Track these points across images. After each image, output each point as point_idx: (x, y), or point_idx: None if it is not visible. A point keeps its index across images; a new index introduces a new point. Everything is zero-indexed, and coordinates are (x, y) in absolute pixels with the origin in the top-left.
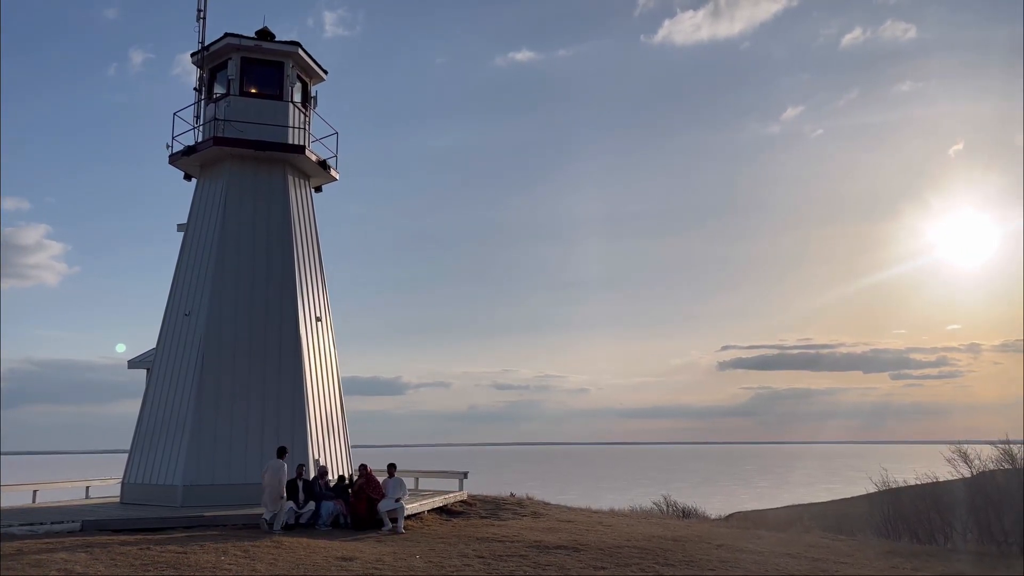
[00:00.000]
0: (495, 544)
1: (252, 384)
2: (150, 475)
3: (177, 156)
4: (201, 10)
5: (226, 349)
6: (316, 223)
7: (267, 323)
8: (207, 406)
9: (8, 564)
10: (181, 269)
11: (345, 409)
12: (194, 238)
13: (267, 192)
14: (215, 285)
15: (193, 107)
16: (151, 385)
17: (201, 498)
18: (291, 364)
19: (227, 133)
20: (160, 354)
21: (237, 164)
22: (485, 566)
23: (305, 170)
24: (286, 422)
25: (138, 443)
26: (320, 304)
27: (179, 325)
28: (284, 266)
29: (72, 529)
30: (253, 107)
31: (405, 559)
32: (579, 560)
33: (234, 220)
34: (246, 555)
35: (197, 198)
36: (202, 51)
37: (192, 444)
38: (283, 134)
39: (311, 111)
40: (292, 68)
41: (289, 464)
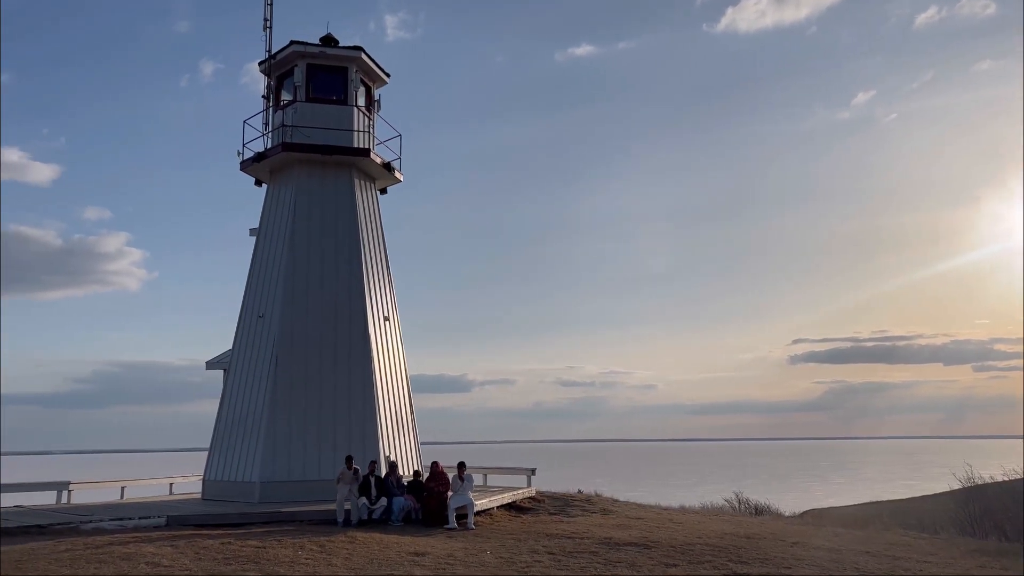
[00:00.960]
0: (565, 540)
1: (324, 383)
2: (229, 472)
3: (248, 163)
4: (267, 20)
5: (298, 349)
6: (382, 224)
7: (337, 323)
8: (281, 405)
9: (100, 557)
10: (254, 272)
11: (414, 406)
12: (266, 242)
13: (334, 195)
14: (287, 287)
15: (262, 114)
16: (228, 385)
17: (277, 494)
18: (361, 363)
19: (295, 139)
20: (236, 355)
21: (305, 169)
22: (555, 562)
23: (370, 172)
24: (357, 420)
25: (217, 441)
26: (387, 303)
27: (253, 327)
28: (352, 267)
29: (158, 524)
30: (319, 112)
31: (476, 555)
32: (650, 557)
33: (303, 223)
34: (322, 550)
35: (268, 203)
36: (269, 59)
37: (268, 442)
38: (348, 138)
39: (375, 114)
40: (356, 72)
41: (360, 466)
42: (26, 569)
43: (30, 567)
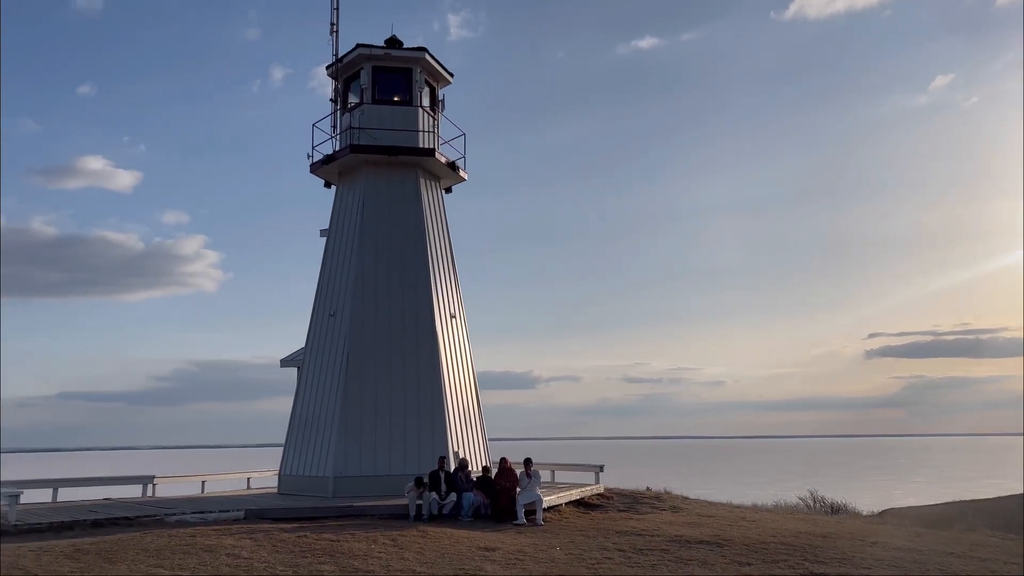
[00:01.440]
0: (635, 538)
1: (393, 380)
2: (304, 467)
3: (317, 165)
4: (334, 24)
5: (368, 347)
6: (447, 223)
7: (405, 321)
8: (353, 402)
9: (185, 548)
10: (325, 272)
11: (481, 403)
12: (336, 242)
13: (401, 195)
14: (357, 286)
15: (330, 117)
16: (302, 382)
17: (350, 489)
18: (429, 360)
19: (362, 140)
20: (309, 353)
21: (372, 170)
22: (626, 559)
23: (435, 172)
24: (426, 416)
25: (292, 437)
26: (454, 301)
27: (325, 325)
28: (419, 266)
29: (236, 517)
30: (385, 114)
31: (545, 551)
32: (723, 556)
33: (371, 223)
34: (394, 544)
35: (337, 204)
36: (336, 63)
37: (340, 438)
38: (414, 138)
39: (439, 114)
40: (420, 73)
41: (430, 459)
42: (116, 559)
43: (120, 557)
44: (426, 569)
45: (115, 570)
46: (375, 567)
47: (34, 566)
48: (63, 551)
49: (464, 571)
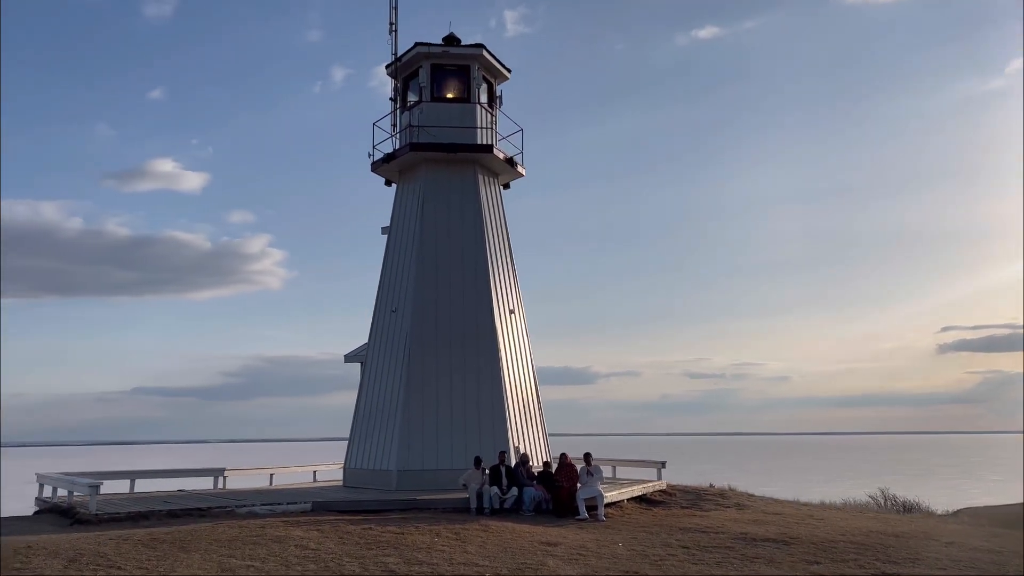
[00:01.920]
0: (699, 535)
1: (454, 375)
2: (368, 461)
3: (378, 164)
4: (393, 23)
5: (429, 343)
6: (506, 219)
7: (465, 317)
8: (415, 396)
9: (255, 539)
10: (386, 269)
11: (541, 398)
12: (396, 240)
13: (460, 192)
14: (417, 283)
15: (390, 116)
16: (365, 377)
17: (413, 482)
18: (489, 355)
19: (421, 138)
20: (372, 348)
21: (432, 167)
22: (690, 556)
23: (494, 168)
24: (486, 411)
25: (356, 431)
26: (513, 297)
27: (387, 321)
28: (478, 262)
29: (304, 509)
30: (444, 111)
31: (608, 546)
32: (790, 554)
33: (431, 221)
34: (457, 537)
35: (397, 202)
36: (395, 62)
37: (403, 432)
38: (472, 135)
39: (497, 110)
40: (478, 70)
41: (491, 454)
42: (190, 549)
43: (193, 547)
44: (488, 563)
45: (189, 559)
46: (438, 560)
47: (114, 554)
48: (140, 540)
49: (526, 565)
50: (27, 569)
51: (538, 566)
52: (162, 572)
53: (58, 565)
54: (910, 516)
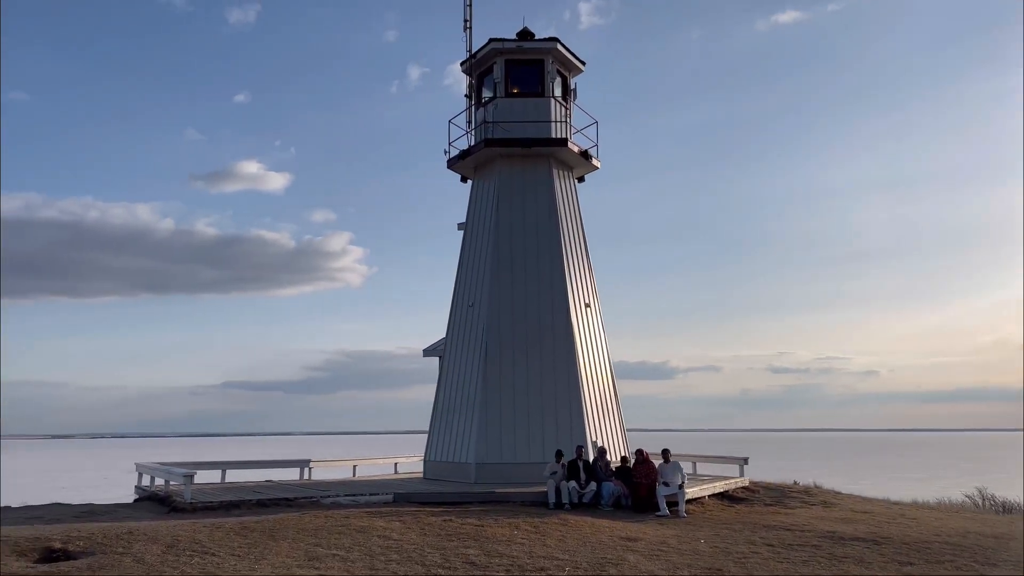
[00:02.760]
0: (784, 533)
1: (531, 369)
2: (447, 453)
3: (454, 160)
4: (467, 20)
5: (506, 337)
6: (581, 212)
7: (541, 311)
8: (492, 391)
9: (339, 529)
10: (463, 264)
11: (618, 392)
12: (472, 235)
13: (534, 186)
14: (493, 277)
15: (465, 113)
16: (443, 371)
17: (491, 475)
18: (565, 349)
19: (495, 134)
20: (449, 343)
21: (506, 162)
22: (775, 554)
23: (568, 161)
24: (563, 405)
25: (435, 424)
26: (588, 290)
27: (464, 316)
28: (553, 256)
29: (386, 500)
30: (518, 106)
31: (689, 543)
32: (881, 554)
33: (506, 215)
34: (536, 531)
35: (473, 197)
36: (470, 59)
37: (481, 426)
38: (546, 129)
39: (571, 103)
40: (552, 64)
41: (567, 449)
42: (279, 537)
43: (282, 535)
44: (568, 556)
45: (278, 547)
46: (518, 553)
47: (208, 541)
48: (232, 528)
49: (606, 560)
50: (128, 554)
51: (618, 561)
52: (253, 559)
53: (157, 550)
54: (1010, 517)
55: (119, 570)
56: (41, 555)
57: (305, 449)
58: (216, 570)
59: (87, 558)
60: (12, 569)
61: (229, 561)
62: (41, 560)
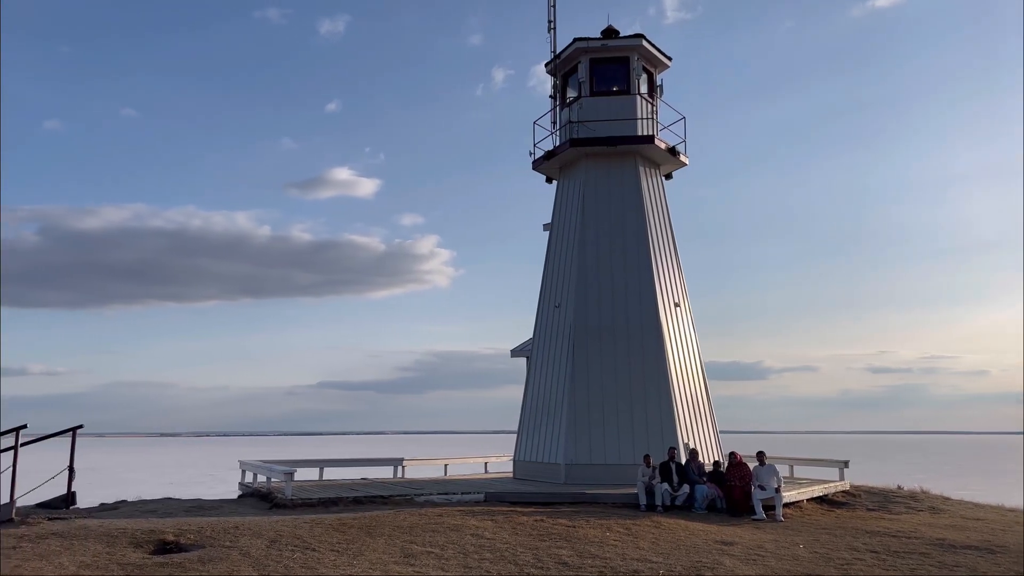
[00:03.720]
0: (888, 539)
1: (619, 370)
2: (536, 454)
3: (539, 161)
4: (551, 21)
5: (593, 337)
6: (668, 210)
7: (629, 311)
8: (580, 391)
9: (433, 527)
10: (549, 265)
11: (710, 393)
12: (558, 235)
13: (620, 185)
14: (579, 277)
15: (550, 114)
16: (531, 372)
17: (580, 476)
18: (654, 350)
19: (581, 134)
20: (536, 344)
21: (592, 162)
22: (880, 562)
23: (655, 159)
24: (653, 406)
25: (524, 424)
26: (678, 289)
27: (551, 316)
28: (641, 255)
29: (477, 499)
30: (603, 105)
31: (788, 547)
32: (995, 563)
33: (592, 215)
34: (628, 532)
35: (558, 198)
36: (554, 60)
37: (570, 426)
38: (632, 127)
39: (657, 100)
40: (637, 61)
41: (658, 450)
42: (375, 534)
43: (378, 532)
44: (662, 559)
45: (375, 544)
46: (611, 555)
47: (309, 536)
48: (331, 524)
49: (701, 564)
50: (235, 547)
51: (714, 565)
52: (352, 555)
53: (262, 544)
54: None
55: (227, 563)
56: (156, 547)
57: (397, 448)
58: (317, 565)
59: (197, 551)
60: (130, 559)
61: (329, 556)
62: (156, 552)
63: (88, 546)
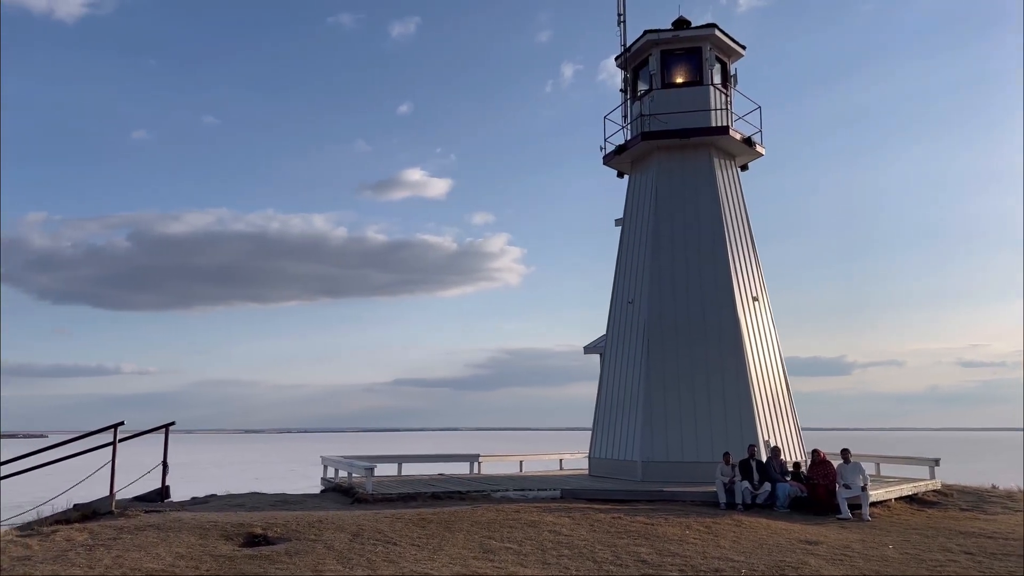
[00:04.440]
0: (984, 540)
1: (696, 366)
2: (612, 451)
3: (610, 156)
4: (621, 14)
5: (668, 333)
6: (745, 202)
7: (705, 306)
8: (656, 387)
9: (510, 523)
10: (621, 261)
11: (791, 389)
12: (630, 231)
13: (694, 178)
14: (653, 273)
15: (621, 108)
16: (604, 369)
17: (658, 474)
18: (731, 345)
19: (652, 127)
20: (610, 340)
21: (664, 155)
22: (975, 564)
23: (730, 150)
24: (732, 403)
25: (599, 421)
26: (756, 283)
27: (624, 313)
28: (716, 249)
29: (553, 496)
30: (675, 97)
31: (876, 547)
32: None
33: (666, 209)
34: (708, 531)
35: (630, 193)
36: (624, 53)
37: (646, 423)
38: (706, 118)
39: (731, 89)
40: (710, 51)
41: (737, 448)
42: (454, 529)
43: (457, 527)
44: (744, 558)
45: (454, 539)
46: (691, 553)
47: (390, 530)
48: (411, 519)
49: (785, 563)
50: (320, 541)
51: (798, 564)
52: (432, 549)
53: (345, 538)
54: None
55: (313, 556)
56: (245, 539)
57: (471, 444)
58: (399, 559)
59: (284, 543)
60: (222, 551)
61: (410, 551)
62: (245, 544)
63: (183, 538)
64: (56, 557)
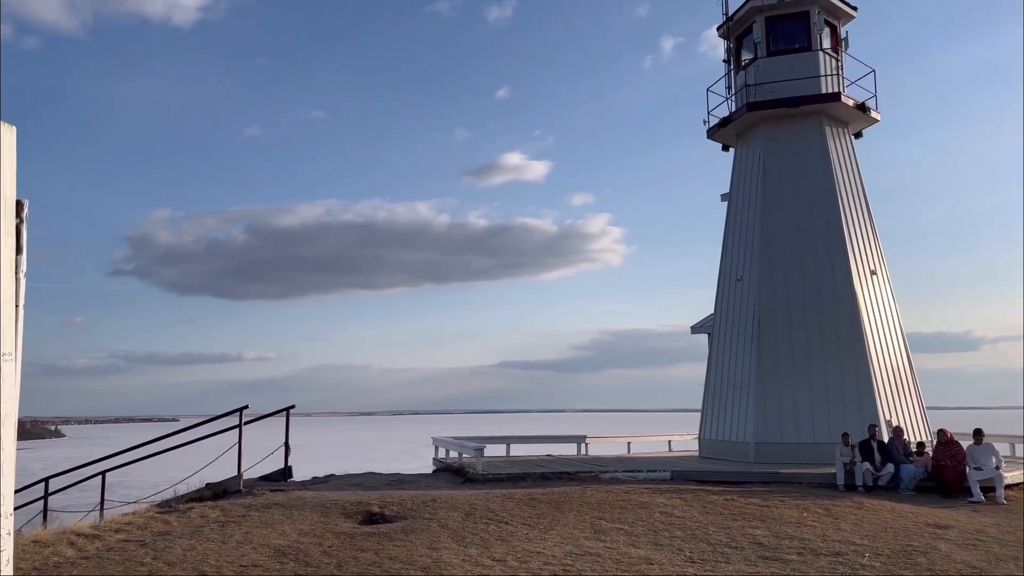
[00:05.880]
0: None
1: (810, 344)
2: (723, 432)
3: (714, 129)
4: None
5: (780, 310)
6: (859, 171)
7: (819, 281)
8: (768, 367)
9: (621, 503)
10: (729, 237)
11: (914, 367)
12: (737, 205)
13: (804, 148)
14: (763, 249)
15: (724, 79)
16: (713, 349)
17: (770, 455)
18: (848, 321)
19: (758, 96)
20: (718, 319)
21: (772, 125)
22: None
23: (842, 117)
24: (850, 381)
25: (709, 402)
26: (873, 257)
27: (732, 290)
28: (830, 221)
29: (663, 478)
30: (782, 65)
31: (1013, 532)
32: None
33: (774, 182)
34: (827, 513)
35: (737, 166)
36: (726, 22)
37: (758, 404)
38: (815, 85)
39: (842, 54)
40: (818, 14)
41: (856, 428)
42: (564, 509)
43: (567, 508)
44: (868, 542)
45: (565, 519)
46: (810, 536)
47: (501, 510)
48: (521, 499)
49: (912, 548)
50: (434, 519)
51: (927, 549)
52: (543, 528)
53: (458, 517)
54: None
55: (428, 534)
56: (364, 517)
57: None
58: (511, 537)
59: (401, 522)
60: (343, 528)
61: (521, 530)
62: (364, 522)
63: (306, 515)
64: (192, 532)
